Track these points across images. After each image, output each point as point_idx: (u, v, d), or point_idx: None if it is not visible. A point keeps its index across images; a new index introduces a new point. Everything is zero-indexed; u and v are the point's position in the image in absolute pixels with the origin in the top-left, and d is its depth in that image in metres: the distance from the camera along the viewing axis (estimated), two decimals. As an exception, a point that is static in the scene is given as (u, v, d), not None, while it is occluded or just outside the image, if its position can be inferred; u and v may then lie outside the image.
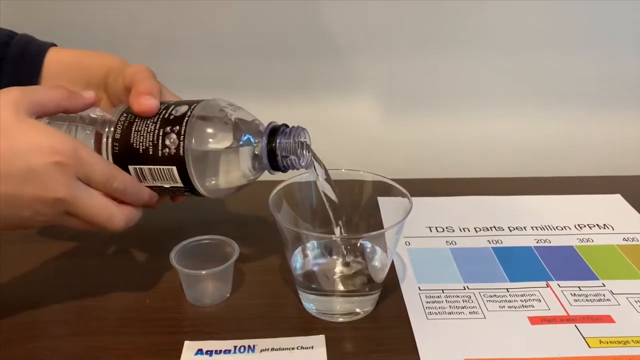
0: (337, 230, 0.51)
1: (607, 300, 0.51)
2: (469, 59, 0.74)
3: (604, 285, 0.53)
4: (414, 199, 0.49)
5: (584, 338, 0.47)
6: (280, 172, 0.49)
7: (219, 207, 0.68)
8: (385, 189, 0.52)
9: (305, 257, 0.52)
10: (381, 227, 0.50)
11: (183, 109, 0.46)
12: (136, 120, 0.47)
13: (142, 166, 0.46)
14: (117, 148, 0.46)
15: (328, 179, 0.51)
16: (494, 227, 0.63)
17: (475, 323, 0.49)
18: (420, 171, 0.78)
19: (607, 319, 0.49)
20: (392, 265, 0.55)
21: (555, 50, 0.74)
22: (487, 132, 0.79)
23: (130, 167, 0.47)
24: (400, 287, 0.53)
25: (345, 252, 0.52)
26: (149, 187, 0.48)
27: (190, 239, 0.53)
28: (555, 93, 0.77)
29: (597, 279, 0.54)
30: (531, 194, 0.70)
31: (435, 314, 0.50)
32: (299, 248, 0.51)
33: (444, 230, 0.62)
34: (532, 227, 0.63)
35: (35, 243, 0.59)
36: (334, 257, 0.53)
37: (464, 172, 0.76)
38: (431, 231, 0.62)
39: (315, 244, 0.52)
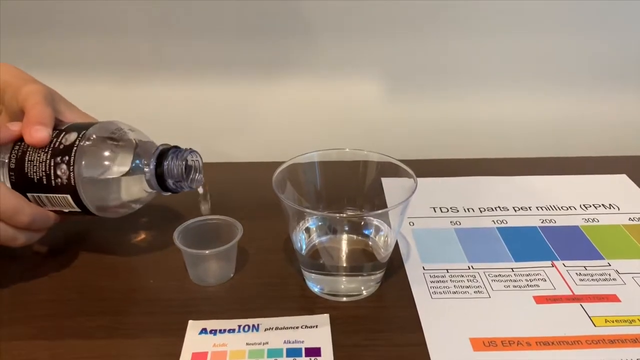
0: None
1: (613, 279, 0.51)
2: (473, 38, 0.73)
3: (610, 265, 0.53)
4: (417, 179, 0.49)
5: (589, 317, 0.47)
6: (171, 193, 0.51)
7: (223, 187, 0.67)
8: (390, 169, 0.51)
9: (309, 237, 0.52)
10: (385, 207, 0.50)
11: (72, 137, 0.47)
12: (29, 150, 0.47)
13: (39, 194, 0.48)
14: (13, 177, 0.48)
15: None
16: (499, 207, 0.63)
17: (480, 302, 0.49)
18: (424, 152, 0.77)
19: (613, 298, 0.49)
20: (397, 246, 0.55)
21: (559, 30, 0.73)
22: (491, 112, 0.78)
23: (29, 195, 0.48)
24: (405, 267, 0.53)
25: (349, 232, 0.52)
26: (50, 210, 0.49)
27: (193, 219, 0.53)
28: (560, 73, 0.76)
29: (602, 258, 0.54)
30: (536, 174, 0.69)
31: (440, 293, 0.50)
32: (303, 228, 0.51)
33: (448, 210, 0.62)
34: (537, 207, 0.62)
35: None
36: (338, 236, 0.52)
37: (468, 153, 0.75)
38: (435, 212, 0.62)
39: (320, 223, 0.52)
